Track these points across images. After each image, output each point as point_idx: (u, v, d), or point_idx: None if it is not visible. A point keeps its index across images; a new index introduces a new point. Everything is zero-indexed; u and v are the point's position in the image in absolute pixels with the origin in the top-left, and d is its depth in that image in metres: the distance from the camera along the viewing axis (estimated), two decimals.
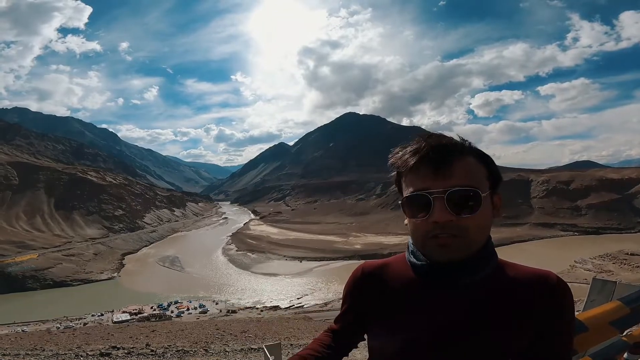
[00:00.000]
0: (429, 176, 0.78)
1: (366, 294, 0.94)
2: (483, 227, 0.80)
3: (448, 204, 0.76)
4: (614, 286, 2.62)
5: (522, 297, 0.79)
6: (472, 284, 0.81)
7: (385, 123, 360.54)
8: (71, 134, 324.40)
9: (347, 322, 1.00)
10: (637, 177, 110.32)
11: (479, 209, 0.77)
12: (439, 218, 0.76)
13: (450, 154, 0.78)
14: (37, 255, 77.45)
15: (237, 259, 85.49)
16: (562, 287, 0.80)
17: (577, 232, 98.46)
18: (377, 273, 0.94)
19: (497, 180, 0.84)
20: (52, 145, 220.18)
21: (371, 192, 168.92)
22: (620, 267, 58.21)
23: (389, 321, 0.87)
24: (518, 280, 0.82)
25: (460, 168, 0.78)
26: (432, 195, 0.77)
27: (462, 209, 0.76)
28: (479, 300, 0.80)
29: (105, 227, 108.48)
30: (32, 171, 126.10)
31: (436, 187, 0.77)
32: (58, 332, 23.28)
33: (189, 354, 10.30)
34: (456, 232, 0.76)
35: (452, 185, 0.76)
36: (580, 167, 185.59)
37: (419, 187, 0.79)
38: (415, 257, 0.86)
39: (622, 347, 2.07)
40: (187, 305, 52.12)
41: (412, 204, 0.80)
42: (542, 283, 0.80)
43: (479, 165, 0.81)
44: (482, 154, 0.83)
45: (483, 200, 0.77)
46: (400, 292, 0.88)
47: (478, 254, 0.81)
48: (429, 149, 0.78)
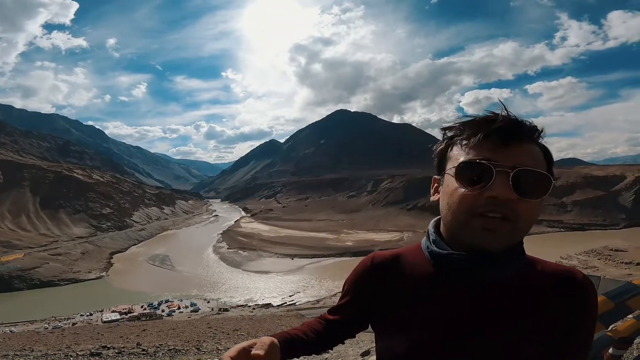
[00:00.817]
0: (498, 148, 0.71)
1: (376, 287, 0.87)
2: (534, 218, 0.73)
3: (512, 182, 0.68)
4: (598, 281, 2.71)
5: (551, 293, 0.76)
6: (500, 280, 0.76)
7: (376, 120, 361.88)
8: (57, 132, 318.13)
9: (347, 315, 0.93)
10: (621, 175, 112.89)
11: (543, 197, 0.72)
12: (500, 193, 0.68)
13: (526, 134, 0.73)
14: (23, 254, 75.87)
15: (228, 256, 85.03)
16: (588, 283, 0.77)
17: (563, 228, 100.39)
18: (390, 264, 0.87)
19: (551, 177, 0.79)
20: (37, 143, 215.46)
21: (362, 189, 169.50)
22: (605, 262, 59.58)
23: (404, 318, 0.81)
24: (546, 275, 0.78)
25: (530, 150, 0.73)
26: (496, 168, 0.69)
27: (527, 192, 0.70)
28: (506, 297, 0.75)
29: (93, 225, 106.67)
30: (16, 169, 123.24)
31: (503, 160, 0.70)
32: (46, 332, 22.93)
33: (180, 352, 10.26)
34: (509, 214, 0.69)
35: (522, 164, 0.69)
36: (566, 164, 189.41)
37: (481, 156, 0.71)
38: (439, 247, 0.79)
39: (607, 342, 2.15)
40: (178, 304, 51.70)
41: (469, 171, 0.72)
42: (570, 280, 0.77)
43: (543, 157, 0.75)
44: (548, 150, 0.77)
45: (551, 189, 0.72)
46: (417, 286, 0.81)
47: (514, 248, 0.76)
48: (506, 122, 0.72)
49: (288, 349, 0.81)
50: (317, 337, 0.90)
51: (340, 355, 8.42)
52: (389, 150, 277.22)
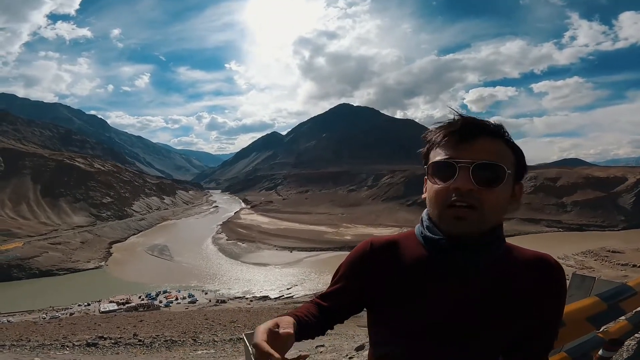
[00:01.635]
0: (458, 147, 0.82)
1: (374, 271, 0.92)
2: (499, 205, 0.82)
3: (472, 175, 0.79)
4: (592, 282, 2.68)
5: (530, 277, 0.85)
6: (486, 264, 0.85)
7: (378, 115, 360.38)
8: (59, 121, 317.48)
9: (342, 299, 0.96)
10: (622, 176, 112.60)
11: (500, 186, 0.80)
12: (461, 185, 0.79)
13: (481, 131, 0.83)
14: (22, 243, 76.08)
15: (227, 248, 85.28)
16: (559, 267, 0.88)
17: (562, 228, 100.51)
18: (387, 250, 0.93)
19: (522, 171, 0.87)
20: (39, 132, 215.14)
21: (363, 183, 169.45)
22: (601, 263, 59.63)
23: (399, 302, 0.87)
24: (524, 262, 0.87)
25: (489, 146, 0.82)
26: (458, 164, 0.80)
27: (485, 182, 0.79)
28: (493, 280, 0.84)
29: (93, 214, 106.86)
30: (18, 157, 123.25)
31: (464, 157, 0.80)
32: (44, 322, 23.04)
33: (177, 343, 10.31)
34: (474, 202, 0.79)
35: (480, 158, 0.80)
36: (568, 164, 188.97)
37: (446, 155, 0.82)
38: (431, 232, 0.87)
39: (598, 343, 2.13)
40: (176, 295, 51.97)
41: (438, 169, 0.83)
42: (544, 264, 0.87)
43: (508, 151, 0.84)
44: (513, 142, 0.86)
45: (505, 178, 0.81)
46: (412, 269, 0.88)
47: (492, 234, 0.85)
48: (462, 123, 0.83)
49: (299, 329, 0.84)
50: (316, 321, 0.92)
51: (336, 349, 8.44)
52: (391, 145, 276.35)
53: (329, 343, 9.44)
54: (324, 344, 9.12)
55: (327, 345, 8.91)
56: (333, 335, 11.36)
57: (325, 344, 9.13)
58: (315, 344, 9.34)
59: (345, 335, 10.57)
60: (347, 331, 10.96)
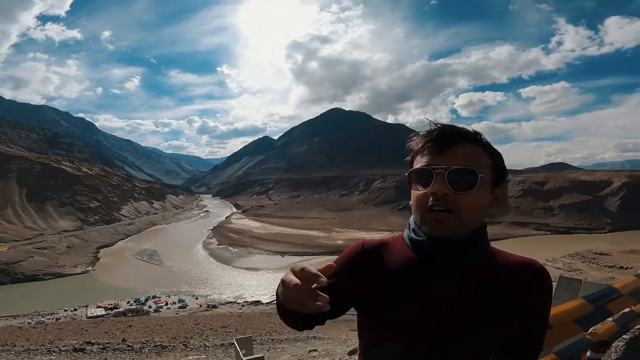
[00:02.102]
0: (435, 154, 0.85)
1: (364, 273, 0.93)
2: (476, 208, 0.85)
3: (447, 180, 0.82)
4: (579, 284, 2.74)
5: (516, 281, 0.86)
6: (472, 266, 0.87)
7: (370, 120, 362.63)
8: (46, 123, 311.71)
9: (330, 297, 0.90)
10: (608, 180, 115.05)
11: (474, 189, 0.83)
12: (436, 190, 0.82)
13: (457, 138, 0.86)
14: (7, 248, 74.26)
15: (218, 253, 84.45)
16: (546, 272, 0.89)
17: (549, 231, 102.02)
18: (377, 251, 0.95)
19: (502, 174, 0.90)
20: (25, 134, 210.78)
21: (354, 188, 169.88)
22: (588, 265, 60.71)
23: (388, 303, 0.88)
24: (509, 265, 0.88)
25: (464, 152, 0.85)
26: (435, 171, 0.84)
27: (460, 187, 0.82)
28: (480, 282, 0.86)
29: (80, 219, 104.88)
30: (3, 160, 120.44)
31: (439, 164, 0.84)
32: (29, 327, 22.51)
33: (167, 349, 10.15)
34: (450, 206, 0.82)
35: (455, 164, 0.83)
36: (555, 168, 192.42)
37: (425, 163, 0.86)
38: (416, 235, 0.90)
39: (586, 345, 2.17)
40: (166, 300, 51.22)
41: (416, 176, 0.88)
42: (531, 268, 0.88)
43: (484, 156, 0.87)
44: (491, 147, 0.90)
45: (480, 182, 0.83)
46: (401, 272, 0.89)
47: (475, 236, 0.87)
48: (439, 132, 0.86)
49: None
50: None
51: (328, 353, 8.43)
52: (382, 149, 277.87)
53: (321, 347, 9.42)
54: (317, 349, 9.10)
55: (319, 350, 8.89)
56: (326, 339, 11.32)
57: (318, 349, 9.11)
58: (308, 348, 9.31)
59: (338, 340, 10.56)
60: (339, 335, 10.96)
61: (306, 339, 11.23)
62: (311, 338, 11.55)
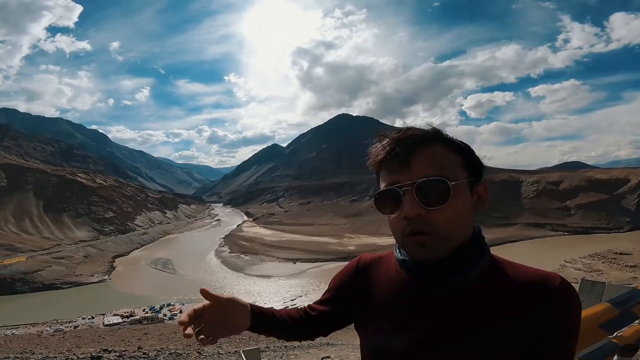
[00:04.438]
0: (396, 170, 0.75)
1: (357, 290, 0.90)
2: (458, 219, 0.74)
3: (417, 197, 0.72)
4: (602, 287, 2.65)
5: (520, 300, 0.72)
6: (464, 282, 0.76)
7: (378, 124, 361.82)
8: (60, 135, 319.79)
9: (326, 311, 0.95)
10: (624, 178, 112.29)
11: (449, 200, 0.71)
12: (407, 213, 0.72)
13: (415, 144, 0.74)
14: (26, 258, 76.15)
15: (230, 261, 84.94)
16: (566, 291, 0.71)
17: (567, 232, 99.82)
18: (372, 267, 0.91)
19: (476, 168, 0.78)
20: (40, 147, 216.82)
21: (364, 193, 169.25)
22: (609, 266, 59.15)
23: (376, 320, 0.83)
24: (516, 280, 0.74)
25: (427, 158, 0.73)
26: (402, 189, 0.73)
27: (432, 201, 0.71)
28: (472, 300, 0.74)
29: (96, 229, 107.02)
30: (20, 173, 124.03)
31: (403, 180, 0.73)
32: (48, 335, 22.86)
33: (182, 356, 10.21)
34: (427, 228, 0.72)
35: (420, 177, 0.72)
36: (569, 167, 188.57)
37: (389, 181, 0.76)
38: (401, 253, 0.83)
39: (612, 349, 2.10)
40: (180, 308, 51.54)
41: (383, 200, 0.77)
42: (543, 285, 0.72)
43: (450, 154, 0.75)
44: (453, 141, 0.77)
45: (454, 189, 0.72)
46: (388, 290, 0.84)
47: (467, 248, 0.76)
48: (392, 143, 0.76)
49: (258, 315, 0.86)
50: (291, 322, 0.92)
51: None
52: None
53: (334, 354, 9.35)
54: (330, 355, 9.03)
55: (333, 357, 8.82)
56: (339, 345, 11.23)
57: (331, 355, 9.04)
58: (321, 355, 9.25)
59: (352, 346, 10.47)
60: (353, 341, 10.87)
61: (319, 346, 11.17)
62: (324, 344, 11.48)
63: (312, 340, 0.95)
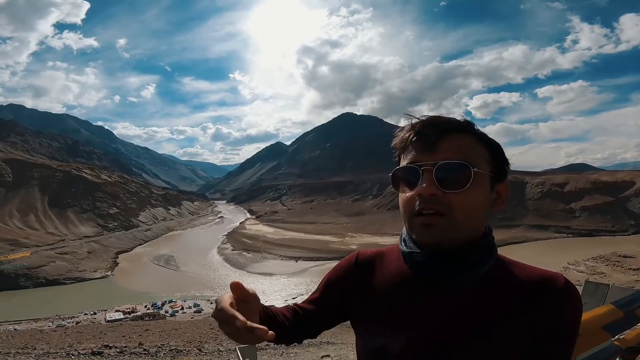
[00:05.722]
0: (420, 150, 0.75)
1: (355, 285, 0.88)
2: (472, 209, 0.73)
3: (436, 177, 0.72)
4: (606, 289, 2.60)
5: (524, 299, 0.72)
6: (468, 281, 0.75)
7: (382, 123, 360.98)
8: (67, 131, 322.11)
9: (317, 309, 0.92)
10: (630, 180, 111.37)
11: (468, 186, 0.71)
12: (423, 191, 0.72)
13: (444, 129, 0.75)
14: (30, 253, 76.69)
15: (232, 258, 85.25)
16: (569, 291, 0.72)
17: (571, 234, 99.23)
18: (371, 263, 0.89)
19: (502, 167, 0.78)
20: (47, 143, 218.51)
21: (367, 192, 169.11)
22: (612, 269, 58.81)
23: (375, 318, 0.81)
24: (521, 280, 0.74)
25: (453, 143, 0.74)
26: (421, 168, 0.73)
27: (451, 185, 0.71)
28: (475, 299, 0.74)
29: (100, 225, 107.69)
30: (26, 168, 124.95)
31: (426, 160, 0.74)
32: (50, 330, 23.02)
33: (182, 353, 10.24)
34: (441, 208, 0.71)
35: (443, 159, 0.72)
36: (575, 169, 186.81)
37: (410, 160, 0.76)
38: (406, 245, 0.80)
39: (614, 351, 2.06)
40: (182, 305, 51.86)
41: (401, 176, 0.78)
42: (548, 285, 0.72)
43: (478, 146, 0.76)
44: (485, 137, 0.78)
45: (474, 177, 0.72)
46: (389, 286, 0.82)
47: (477, 244, 0.75)
48: (422, 125, 0.77)
49: (266, 311, 0.81)
50: (287, 323, 0.87)
51: (341, 359, 8.33)
52: (395, 154, 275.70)
53: (334, 353, 9.31)
54: (330, 354, 9.00)
55: (332, 355, 8.79)
56: (339, 344, 11.20)
57: (330, 354, 9.00)
58: (320, 353, 9.21)
59: (352, 345, 10.42)
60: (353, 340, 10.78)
61: (319, 344, 11.14)
62: (324, 343, 11.46)
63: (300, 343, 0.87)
